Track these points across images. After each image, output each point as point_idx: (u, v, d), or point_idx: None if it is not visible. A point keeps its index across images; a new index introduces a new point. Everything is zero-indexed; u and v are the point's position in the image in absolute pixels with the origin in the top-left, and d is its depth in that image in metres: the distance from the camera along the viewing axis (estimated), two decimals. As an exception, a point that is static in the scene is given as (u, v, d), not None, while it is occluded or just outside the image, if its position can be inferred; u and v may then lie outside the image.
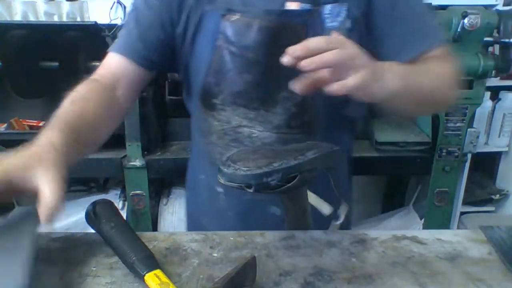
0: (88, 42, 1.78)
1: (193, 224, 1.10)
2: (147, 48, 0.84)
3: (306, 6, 0.75)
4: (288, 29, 0.75)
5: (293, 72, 0.67)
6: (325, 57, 0.58)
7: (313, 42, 0.59)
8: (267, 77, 0.78)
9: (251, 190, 0.58)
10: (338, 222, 0.81)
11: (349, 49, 0.60)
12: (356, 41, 0.68)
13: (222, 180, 0.60)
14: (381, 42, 0.79)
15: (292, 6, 0.75)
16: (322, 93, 0.62)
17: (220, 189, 0.95)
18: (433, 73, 0.73)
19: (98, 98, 0.78)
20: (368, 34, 0.79)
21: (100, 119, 0.77)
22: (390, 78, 0.66)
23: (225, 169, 0.59)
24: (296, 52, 0.59)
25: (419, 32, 0.78)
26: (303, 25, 0.75)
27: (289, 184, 0.60)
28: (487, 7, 1.73)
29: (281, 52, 0.66)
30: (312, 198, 0.82)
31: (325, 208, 0.83)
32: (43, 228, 0.57)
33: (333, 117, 0.86)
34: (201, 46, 0.82)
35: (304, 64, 0.58)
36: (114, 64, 0.86)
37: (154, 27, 0.83)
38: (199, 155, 1.02)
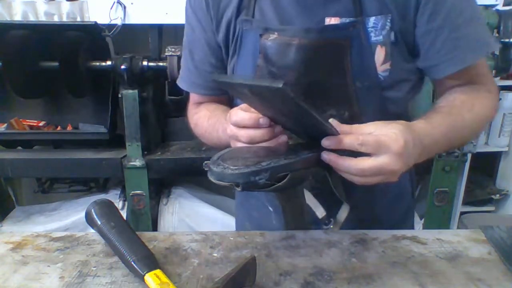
0: (88, 42, 1.78)
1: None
2: (206, 80, 0.86)
3: (348, 20, 0.69)
4: (331, 45, 0.69)
5: (340, 91, 0.68)
6: (354, 172, 0.58)
7: (347, 142, 0.57)
8: (311, 96, 0.71)
9: (239, 189, 0.57)
10: (330, 226, 0.81)
11: (381, 157, 0.56)
12: (400, 56, 0.68)
13: (211, 179, 0.59)
14: (425, 58, 0.72)
15: (332, 21, 0.69)
16: (371, 112, 0.61)
17: (271, 209, 0.90)
18: (465, 125, 0.69)
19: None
20: (410, 53, 0.73)
21: None
22: (417, 157, 0.62)
23: (214, 168, 0.59)
24: (330, 146, 0.58)
25: (462, 44, 0.70)
26: (346, 40, 0.69)
27: (279, 184, 0.59)
28: (487, 7, 1.73)
29: (325, 70, 0.66)
30: (309, 199, 0.81)
31: (319, 211, 0.82)
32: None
33: None
34: (242, 66, 0.79)
35: (337, 167, 0.59)
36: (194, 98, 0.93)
37: (205, 55, 0.84)
38: None
